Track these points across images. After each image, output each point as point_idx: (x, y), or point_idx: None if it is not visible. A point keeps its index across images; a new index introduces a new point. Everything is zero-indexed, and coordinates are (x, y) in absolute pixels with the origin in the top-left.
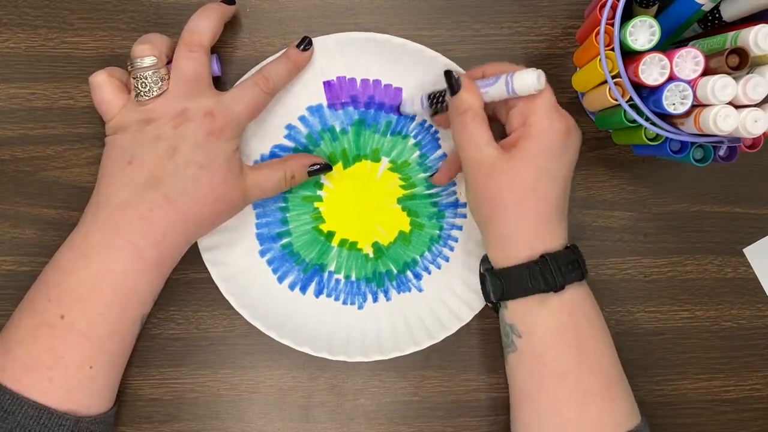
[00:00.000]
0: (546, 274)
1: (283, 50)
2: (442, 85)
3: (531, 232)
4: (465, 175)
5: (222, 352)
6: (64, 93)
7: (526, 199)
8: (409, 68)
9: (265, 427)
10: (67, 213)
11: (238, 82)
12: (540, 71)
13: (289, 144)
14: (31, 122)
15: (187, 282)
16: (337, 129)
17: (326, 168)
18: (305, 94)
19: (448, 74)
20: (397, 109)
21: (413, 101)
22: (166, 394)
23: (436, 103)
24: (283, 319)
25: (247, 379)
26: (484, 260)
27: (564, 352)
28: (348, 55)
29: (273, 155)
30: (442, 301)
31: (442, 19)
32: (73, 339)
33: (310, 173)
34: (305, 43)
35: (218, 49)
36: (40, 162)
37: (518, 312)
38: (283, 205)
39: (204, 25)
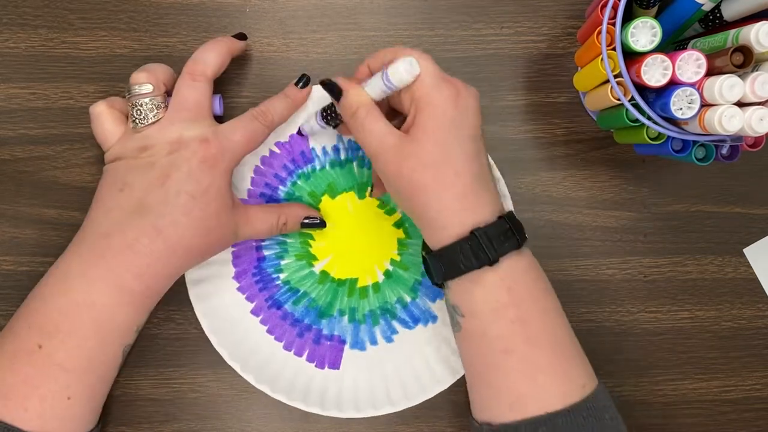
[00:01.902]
0: (477, 250)
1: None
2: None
3: (456, 207)
4: (377, 171)
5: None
6: (64, 93)
7: (442, 173)
8: None
9: (265, 427)
10: (67, 213)
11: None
12: (411, 58)
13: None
14: (31, 122)
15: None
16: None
17: (321, 224)
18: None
19: (324, 83)
20: (298, 133)
21: (309, 121)
22: (166, 394)
23: (330, 115)
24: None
25: (247, 379)
26: (424, 244)
27: (507, 329)
28: None
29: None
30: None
31: (442, 19)
32: (50, 370)
33: (303, 225)
34: (303, 81)
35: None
36: (40, 162)
37: (458, 292)
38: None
39: (209, 56)
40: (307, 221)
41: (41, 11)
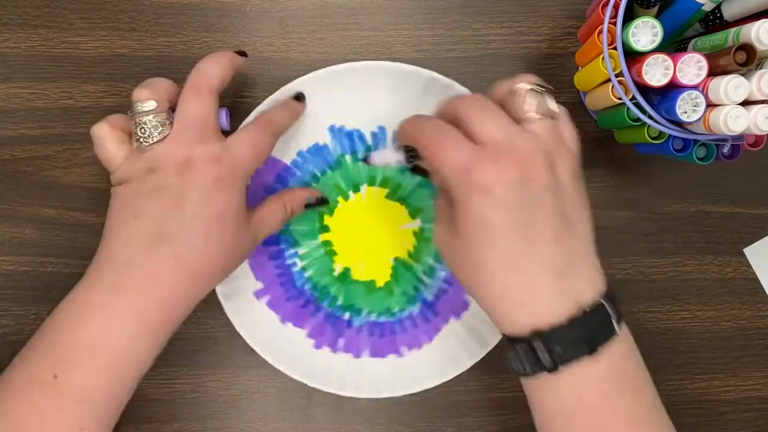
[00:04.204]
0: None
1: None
2: None
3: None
4: None
5: (222, 352)
6: (64, 93)
7: (480, 282)
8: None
9: (265, 427)
10: (67, 213)
11: (241, 127)
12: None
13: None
14: (31, 122)
15: None
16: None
17: (323, 201)
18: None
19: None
20: (364, 161)
21: (385, 155)
22: (166, 394)
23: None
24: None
25: (247, 379)
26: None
27: None
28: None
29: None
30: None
31: (442, 18)
32: (63, 401)
33: (307, 206)
34: (299, 96)
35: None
36: (40, 162)
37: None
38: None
39: (213, 69)
40: (309, 201)
41: (41, 11)
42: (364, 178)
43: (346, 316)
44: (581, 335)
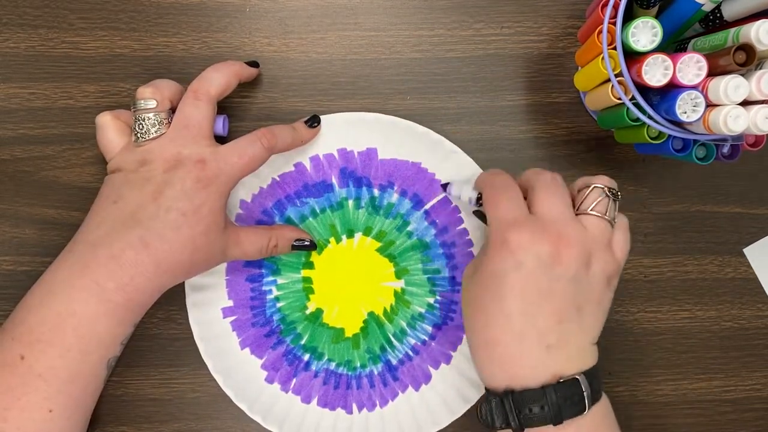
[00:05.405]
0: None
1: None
2: None
3: (495, 368)
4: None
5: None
6: (64, 93)
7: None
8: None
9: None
10: (67, 213)
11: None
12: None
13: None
14: (31, 122)
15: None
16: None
17: (311, 246)
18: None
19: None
20: (443, 187)
21: (461, 189)
22: (166, 394)
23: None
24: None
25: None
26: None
27: None
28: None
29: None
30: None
31: (442, 18)
32: (30, 381)
33: (294, 248)
34: (312, 122)
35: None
36: (40, 162)
37: None
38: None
39: (215, 77)
40: (297, 243)
41: (41, 11)
42: (361, 227)
43: (306, 357)
44: (550, 404)
